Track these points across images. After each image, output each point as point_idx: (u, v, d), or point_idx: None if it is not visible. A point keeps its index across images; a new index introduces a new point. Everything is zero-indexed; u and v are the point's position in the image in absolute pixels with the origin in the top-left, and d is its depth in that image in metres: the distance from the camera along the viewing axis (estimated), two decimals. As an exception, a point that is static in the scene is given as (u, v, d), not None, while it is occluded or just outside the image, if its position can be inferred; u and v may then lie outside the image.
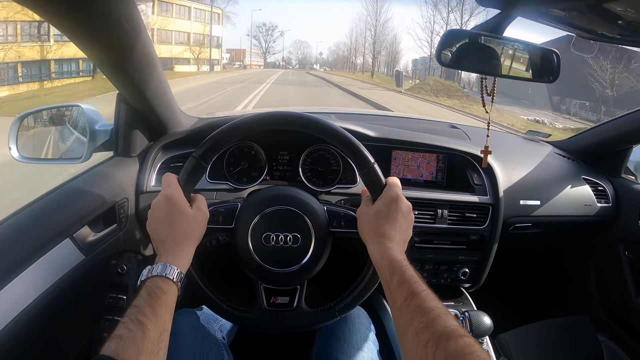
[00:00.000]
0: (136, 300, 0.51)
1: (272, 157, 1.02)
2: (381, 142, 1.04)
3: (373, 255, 0.60)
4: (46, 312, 0.67)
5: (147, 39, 0.71)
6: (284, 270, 0.67)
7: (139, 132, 0.94)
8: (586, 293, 1.38)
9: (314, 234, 0.67)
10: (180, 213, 0.61)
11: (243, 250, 0.67)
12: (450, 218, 1.02)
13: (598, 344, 1.22)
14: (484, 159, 0.96)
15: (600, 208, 1.22)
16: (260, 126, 0.67)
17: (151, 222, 0.62)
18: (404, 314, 0.49)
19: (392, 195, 0.64)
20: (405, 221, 0.63)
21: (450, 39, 0.80)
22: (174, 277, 0.55)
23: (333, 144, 0.68)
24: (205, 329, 0.82)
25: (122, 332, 0.46)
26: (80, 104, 0.98)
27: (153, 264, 0.57)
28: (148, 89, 0.81)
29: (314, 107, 2.10)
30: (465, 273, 1.07)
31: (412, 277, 0.53)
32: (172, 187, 0.62)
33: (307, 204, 0.69)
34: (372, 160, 0.65)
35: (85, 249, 0.76)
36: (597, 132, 1.33)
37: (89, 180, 0.85)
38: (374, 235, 0.61)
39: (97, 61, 0.72)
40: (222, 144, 0.66)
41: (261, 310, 0.69)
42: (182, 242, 0.60)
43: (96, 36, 0.64)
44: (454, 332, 0.43)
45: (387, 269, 0.56)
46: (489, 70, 0.86)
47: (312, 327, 0.72)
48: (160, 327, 0.50)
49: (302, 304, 0.70)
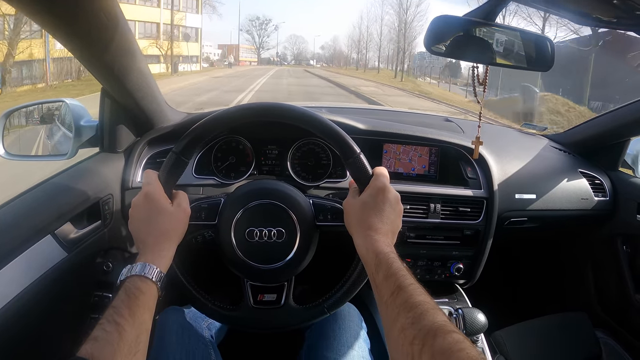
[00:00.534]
0: (114, 300, 0.50)
1: (260, 151, 1.00)
2: (371, 135, 1.03)
3: (359, 248, 0.58)
4: (27, 310, 0.66)
5: (127, 30, 0.70)
6: (269, 267, 0.65)
7: (124, 127, 0.92)
8: (584, 289, 1.36)
9: (299, 228, 0.65)
10: (160, 211, 0.59)
11: (227, 247, 0.65)
12: (444, 212, 1.00)
13: (596, 340, 1.20)
14: (475, 150, 0.95)
15: (598, 202, 1.20)
16: (241, 118, 0.65)
17: (132, 221, 0.60)
18: (390, 309, 0.47)
19: (379, 185, 0.61)
20: (393, 212, 0.61)
21: (440, 26, 0.77)
22: (153, 277, 0.54)
23: (317, 135, 0.66)
24: (193, 327, 0.80)
25: (98, 333, 0.45)
26: (66, 100, 0.97)
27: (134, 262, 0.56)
28: (129, 81, 0.79)
29: (306, 102, 2.09)
30: (459, 269, 1.05)
31: (399, 271, 0.50)
32: (152, 185, 0.61)
33: (291, 197, 0.67)
34: (357, 150, 0.63)
35: (67, 246, 0.75)
36: (594, 124, 1.31)
37: (72, 176, 0.84)
38: (360, 228, 0.59)
39: (76, 53, 0.71)
40: (202, 138, 0.64)
41: (248, 308, 0.68)
42: (162, 240, 0.58)
43: (73, 28, 0.63)
44: (441, 329, 0.41)
45: (373, 262, 0.54)
46: (481, 58, 0.83)
47: (301, 324, 0.70)
48: (138, 328, 0.49)
49: (290, 301, 0.68)
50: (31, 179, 0.82)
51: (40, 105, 1.06)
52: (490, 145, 1.11)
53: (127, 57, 0.75)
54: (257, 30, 54.91)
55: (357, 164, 0.63)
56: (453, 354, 0.38)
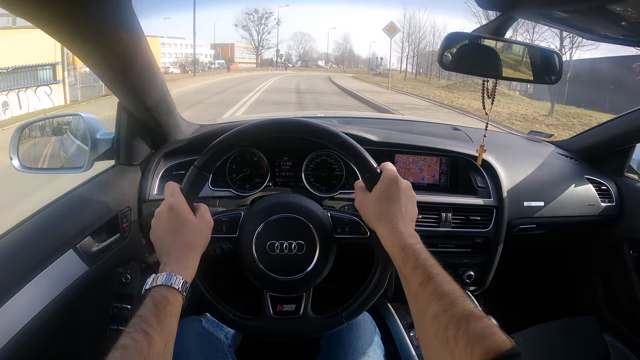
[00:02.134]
0: (141, 309, 0.51)
1: (275, 163, 1.01)
2: (383, 147, 1.04)
3: (384, 241, 0.60)
4: (51, 324, 0.67)
5: (147, 48, 0.71)
6: (289, 279, 0.67)
7: (140, 140, 0.94)
8: (591, 293, 1.38)
9: (319, 241, 0.67)
10: (185, 222, 0.60)
11: (248, 259, 0.67)
12: (455, 221, 1.02)
13: (604, 344, 1.21)
14: (479, 157, 0.97)
15: (604, 207, 1.21)
16: (261, 134, 0.66)
17: (155, 232, 0.61)
18: (421, 298, 0.49)
19: (391, 176, 0.63)
20: (408, 200, 0.62)
21: (452, 42, 0.79)
22: (179, 287, 0.55)
23: (336, 151, 0.67)
24: (211, 335, 0.82)
25: (127, 341, 0.46)
26: (81, 113, 0.98)
27: (157, 272, 0.56)
28: (149, 98, 0.81)
29: (316, 112, 2.09)
30: (470, 276, 1.06)
31: (427, 261, 0.52)
32: (175, 197, 0.62)
33: (311, 211, 0.68)
34: (374, 165, 0.65)
35: (88, 260, 0.76)
36: (599, 131, 1.33)
37: (91, 190, 0.85)
38: (382, 221, 0.60)
39: (98, 72, 0.72)
40: (223, 153, 0.66)
41: (267, 318, 0.69)
42: (187, 251, 0.59)
43: (95, 48, 0.63)
44: (473, 314, 0.43)
45: (400, 255, 0.55)
46: (490, 72, 0.85)
47: (319, 334, 0.71)
48: (166, 337, 0.50)
49: (309, 311, 0.69)
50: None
51: (55, 119, 1.07)
52: (499, 153, 1.13)
53: (149, 77, 0.76)
54: (256, 26, 44.61)
55: (374, 177, 0.64)
56: (487, 337, 0.40)
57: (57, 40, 0.60)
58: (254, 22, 44.42)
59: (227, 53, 43.08)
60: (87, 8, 0.53)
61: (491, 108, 0.89)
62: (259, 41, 45.20)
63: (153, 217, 0.62)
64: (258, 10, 43.76)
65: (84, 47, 0.63)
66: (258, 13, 44.11)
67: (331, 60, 52.25)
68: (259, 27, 45.05)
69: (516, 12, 0.73)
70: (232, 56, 43.20)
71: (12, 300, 0.61)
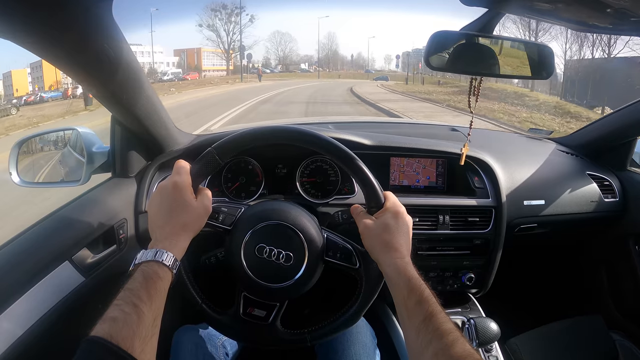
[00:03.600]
0: (130, 283, 0.51)
1: (269, 170, 1.01)
2: (378, 150, 1.03)
3: (387, 269, 0.61)
4: (47, 334, 0.68)
5: (132, 59, 0.71)
6: (268, 285, 0.66)
7: (135, 152, 0.94)
8: (597, 291, 1.35)
9: (307, 259, 0.67)
10: (184, 203, 0.60)
11: (235, 254, 0.67)
12: (453, 223, 1.01)
13: (612, 342, 1.19)
14: (462, 157, 0.97)
15: (607, 203, 1.19)
16: (281, 139, 0.67)
17: (152, 205, 0.62)
18: (422, 334, 0.51)
19: (399, 209, 0.66)
20: (410, 234, 0.65)
21: (439, 41, 0.78)
22: (170, 264, 0.55)
23: (349, 173, 0.68)
24: (207, 345, 0.82)
25: (117, 314, 0.46)
26: (77, 127, 0.99)
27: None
28: (138, 109, 0.81)
29: (311, 118, 2.09)
30: (470, 278, 1.05)
31: (430, 298, 0.54)
32: (181, 175, 0.62)
33: (309, 228, 0.68)
34: (382, 200, 0.67)
35: (84, 271, 0.76)
36: (600, 125, 1.31)
37: (87, 202, 0.86)
38: (387, 249, 0.62)
39: (84, 84, 0.73)
40: (242, 146, 0.66)
41: (235, 317, 0.69)
42: (181, 231, 0.59)
43: (78, 60, 0.64)
44: (471, 356, 0.46)
45: (405, 286, 0.57)
46: (485, 70, 0.84)
47: (280, 347, 0.71)
48: (155, 312, 0.50)
49: (277, 322, 0.69)
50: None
51: (53, 133, 1.08)
52: (497, 152, 1.11)
53: (134, 87, 0.76)
54: (225, 24, 34.68)
55: (379, 207, 0.67)
56: None
57: (40, 57, 0.61)
58: (222, 19, 34.91)
59: (192, 60, 35.02)
60: (68, 24, 0.54)
61: (475, 106, 0.88)
62: (229, 43, 35.02)
63: (155, 189, 0.62)
64: (227, 5, 34.55)
65: (66, 62, 0.63)
66: (227, 9, 34.67)
67: (314, 64, 44.29)
68: (229, 25, 35.08)
69: (502, 7, 0.72)
70: (200, 63, 34.55)
71: (8, 311, 0.62)
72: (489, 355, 0.95)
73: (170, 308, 0.59)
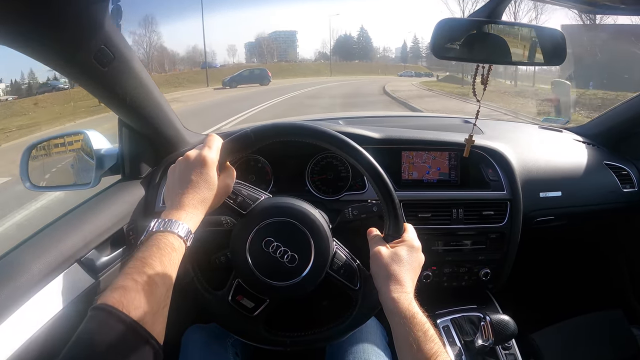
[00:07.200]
0: (142, 252, 0.49)
1: (279, 168, 1.00)
2: (388, 144, 1.01)
3: (390, 301, 0.58)
4: (57, 335, 0.67)
5: (136, 61, 0.71)
6: (264, 279, 0.65)
7: (144, 154, 0.94)
8: (618, 284, 1.31)
9: (311, 266, 0.66)
10: (207, 180, 0.59)
11: (240, 240, 0.66)
12: (467, 217, 0.98)
13: (633, 337, 1.16)
14: (466, 149, 0.94)
15: (626, 193, 1.15)
16: (316, 139, 0.64)
17: (175, 171, 0.61)
18: None
19: (415, 244, 0.65)
20: (419, 272, 0.64)
21: (446, 29, 0.75)
22: (184, 235, 0.53)
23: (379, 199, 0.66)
24: (216, 345, 0.82)
25: (128, 283, 0.44)
26: (85, 131, 0.99)
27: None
28: (145, 111, 0.81)
29: (320, 115, 2.06)
30: (486, 274, 1.02)
31: (434, 337, 0.54)
32: (212, 152, 0.61)
33: (321, 239, 0.66)
34: (402, 231, 0.66)
35: (94, 273, 0.77)
36: (616, 113, 1.27)
37: (96, 204, 0.86)
38: (391, 281, 0.60)
39: (85, 88, 0.72)
40: (280, 136, 0.64)
41: (222, 300, 0.67)
42: (198, 205, 0.58)
43: (76, 64, 0.63)
44: None
45: (410, 320, 0.55)
46: (498, 59, 0.81)
47: (257, 343, 0.70)
48: (168, 284, 0.49)
49: (262, 318, 0.68)
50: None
51: (61, 138, 1.08)
52: (511, 144, 1.09)
53: (139, 89, 0.75)
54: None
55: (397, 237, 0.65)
56: None
57: (38, 61, 0.60)
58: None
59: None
60: (63, 26, 0.53)
61: (482, 95, 0.85)
62: (148, 53, 28.84)
63: (182, 157, 0.61)
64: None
65: (66, 67, 0.63)
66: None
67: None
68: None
69: None
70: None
71: (18, 313, 0.62)
72: (506, 353, 0.93)
73: (180, 307, 0.59)
